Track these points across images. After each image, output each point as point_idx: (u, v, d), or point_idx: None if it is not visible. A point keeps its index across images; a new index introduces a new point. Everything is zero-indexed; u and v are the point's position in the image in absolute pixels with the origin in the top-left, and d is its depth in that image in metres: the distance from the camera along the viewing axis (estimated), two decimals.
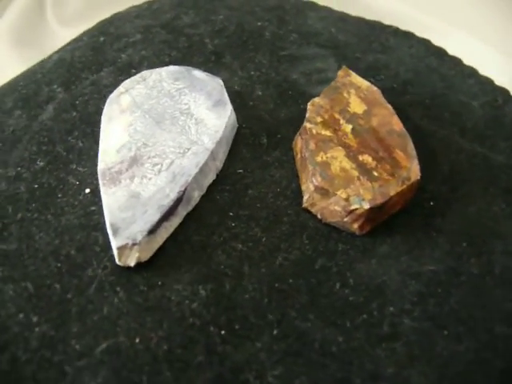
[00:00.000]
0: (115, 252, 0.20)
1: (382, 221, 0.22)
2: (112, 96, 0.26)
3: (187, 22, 0.33)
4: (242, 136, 0.26)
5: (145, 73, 0.27)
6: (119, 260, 0.20)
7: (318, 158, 0.23)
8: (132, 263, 0.20)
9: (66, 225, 0.22)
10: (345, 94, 0.26)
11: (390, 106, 0.25)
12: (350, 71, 0.27)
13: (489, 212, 0.24)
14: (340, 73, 0.27)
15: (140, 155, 0.23)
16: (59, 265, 0.21)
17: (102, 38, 0.32)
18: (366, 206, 0.21)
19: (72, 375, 0.18)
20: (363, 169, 0.22)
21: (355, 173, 0.22)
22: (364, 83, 0.26)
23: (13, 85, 0.29)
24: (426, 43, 0.33)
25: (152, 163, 0.22)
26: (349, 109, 0.25)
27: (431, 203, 0.24)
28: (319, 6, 0.36)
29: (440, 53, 0.33)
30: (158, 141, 0.23)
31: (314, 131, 0.24)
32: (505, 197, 0.24)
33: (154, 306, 0.19)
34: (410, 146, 0.24)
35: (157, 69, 0.27)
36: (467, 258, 0.22)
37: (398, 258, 0.21)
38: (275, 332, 0.19)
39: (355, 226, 0.22)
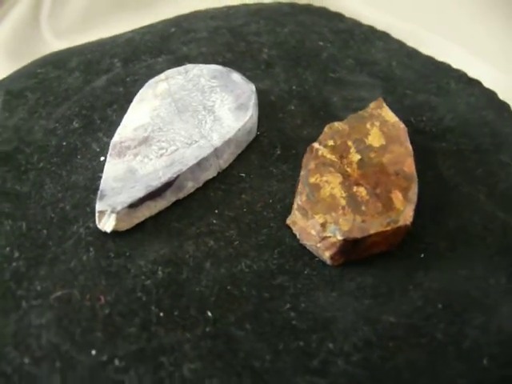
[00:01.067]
0: (96, 215, 0.22)
1: (360, 258, 0.22)
2: (151, 81, 0.28)
3: (253, 29, 0.35)
4: (257, 143, 0.27)
5: (189, 66, 0.29)
6: (98, 223, 0.22)
7: (312, 179, 0.23)
8: (108, 229, 0.22)
9: (73, 183, 0.24)
10: (368, 125, 0.25)
11: (409, 147, 0.24)
12: (384, 104, 0.26)
13: (482, 282, 0.22)
14: (372, 104, 0.26)
15: (151, 137, 0.24)
16: (53, 215, 0.23)
17: (173, 29, 0.35)
18: (340, 236, 0.21)
19: (24, 310, 0.20)
20: (353, 200, 0.22)
21: (343, 202, 0.22)
22: (392, 118, 0.26)
23: (83, 48, 0.33)
24: (490, 95, 0.31)
25: (158, 147, 0.24)
26: (365, 140, 0.25)
27: (421, 255, 0.22)
28: (392, 38, 0.36)
29: (502, 108, 0.31)
30: (173, 128, 0.25)
31: (320, 153, 0.24)
32: (509, 272, 0.22)
33: (114, 272, 0.21)
34: (413, 191, 0.23)
35: (201, 64, 0.29)
36: (437, 321, 0.20)
37: (361, 300, 0.21)
38: (208, 329, 0.19)
39: (327, 254, 0.21)
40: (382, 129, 0.25)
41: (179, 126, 0.25)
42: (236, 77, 0.28)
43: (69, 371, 0.18)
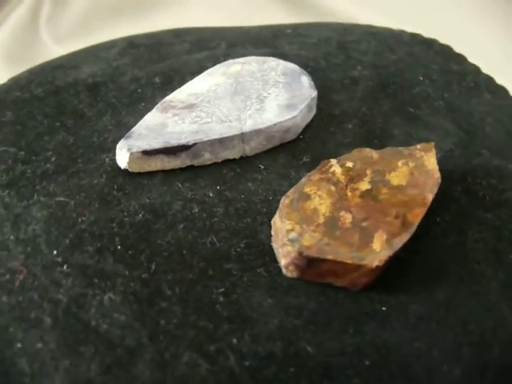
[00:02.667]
0: (116, 150, 0.25)
1: (316, 281, 0.21)
2: (231, 61, 0.30)
3: (362, 48, 0.34)
4: (293, 145, 0.27)
5: (270, 58, 0.30)
6: (116, 158, 0.25)
7: (307, 189, 0.22)
8: (122, 166, 0.25)
9: (125, 122, 0.28)
10: (399, 162, 0.24)
11: (429, 198, 0.22)
12: (433, 150, 0.24)
13: (433, 365, 0.19)
14: (421, 145, 0.25)
15: (197, 105, 0.27)
16: (95, 140, 0.27)
17: (289, 31, 0.36)
18: (295, 247, 0.20)
19: (33, 201, 0.24)
20: (332, 222, 0.21)
21: (321, 219, 0.21)
22: (431, 165, 0.23)
23: (205, 29, 0.37)
24: None
25: (196, 115, 0.26)
26: (386, 174, 0.23)
27: (383, 308, 0.20)
28: (509, 95, 0.32)
29: None
30: (219, 105, 0.27)
31: (332, 169, 0.23)
32: (470, 367, 0.19)
33: (108, 200, 0.24)
34: (399, 240, 0.20)
35: (281, 60, 0.30)
36: (353, 373, 0.18)
37: (292, 318, 0.20)
38: (144, 276, 0.21)
39: (283, 261, 0.21)
40: (412, 171, 0.23)
41: (225, 105, 0.27)
42: (305, 79, 0.28)
43: (32, 257, 0.22)
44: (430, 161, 0.24)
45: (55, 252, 0.22)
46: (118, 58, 0.33)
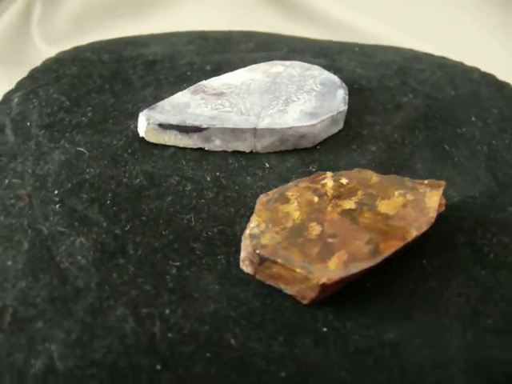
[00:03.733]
0: (138, 119, 0.27)
1: (268, 282, 0.21)
2: (277, 61, 0.30)
3: (423, 77, 0.33)
4: (306, 152, 0.27)
5: (315, 67, 0.30)
6: (138, 125, 0.27)
7: (289, 193, 0.22)
8: (140, 134, 0.27)
9: (161, 96, 0.30)
10: (396, 192, 0.22)
11: (413, 235, 0.21)
12: (441, 189, 0.23)
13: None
14: (429, 181, 0.23)
15: (226, 94, 0.28)
16: (130, 107, 0.29)
17: (356, 49, 0.36)
18: (252, 243, 0.20)
19: (57, 146, 0.27)
20: (298, 230, 0.21)
21: (289, 224, 0.21)
22: (431, 205, 0.22)
23: (271, 35, 0.38)
24: None
25: (221, 103, 0.27)
26: (377, 200, 0.22)
27: (324, 329, 0.20)
28: None
29: None
30: (247, 98, 0.27)
31: (323, 181, 0.23)
32: None
33: (116, 160, 0.26)
34: (358, 266, 0.20)
35: (325, 71, 0.30)
36: (265, 377, 0.18)
37: (228, 310, 0.20)
38: (116, 231, 0.22)
39: (242, 255, 0.21)
40: (407, 204, 0.22)
41: (251, 99, 0.27)
42: (340, 93, 0.28)
43: (37, 191, 0.24)
44: (432, 199, 0.22)
45: (56, 192, 0.24)
46: (185, 44, 0.36)
